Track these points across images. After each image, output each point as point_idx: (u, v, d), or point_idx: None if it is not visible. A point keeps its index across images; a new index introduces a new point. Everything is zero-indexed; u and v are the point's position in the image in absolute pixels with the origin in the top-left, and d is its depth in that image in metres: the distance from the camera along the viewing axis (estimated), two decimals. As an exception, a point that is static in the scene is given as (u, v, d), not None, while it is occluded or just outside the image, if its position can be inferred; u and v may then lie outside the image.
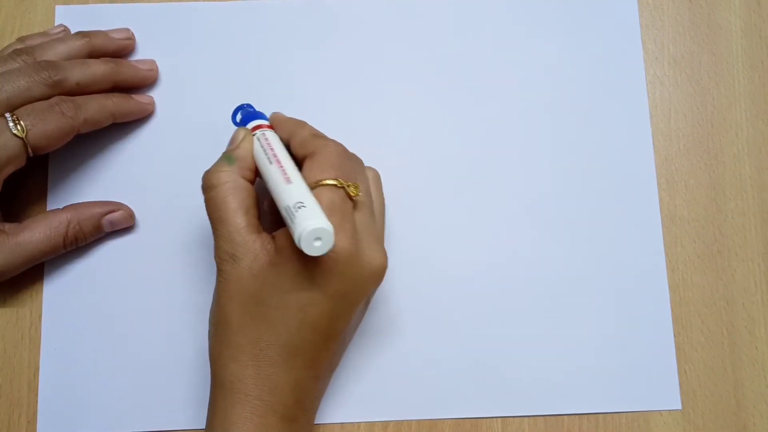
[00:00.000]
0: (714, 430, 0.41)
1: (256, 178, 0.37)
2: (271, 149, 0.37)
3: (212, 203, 0.35)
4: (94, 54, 0.42)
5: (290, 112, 0.43)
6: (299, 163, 0.36)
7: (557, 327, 0.42)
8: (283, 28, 0.45)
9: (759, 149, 0.44)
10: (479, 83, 0.45)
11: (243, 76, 0.44)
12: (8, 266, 0.38)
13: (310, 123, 0.38)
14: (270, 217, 0.38)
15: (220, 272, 0.35)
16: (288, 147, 0.38)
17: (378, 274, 0.35)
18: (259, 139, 0.38)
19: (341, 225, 0.33)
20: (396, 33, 0.45)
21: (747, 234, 0.43)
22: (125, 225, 0.42)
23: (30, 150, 0.38)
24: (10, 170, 0.38)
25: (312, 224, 0.31)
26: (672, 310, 0.42)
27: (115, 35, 0.43)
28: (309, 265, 0.33)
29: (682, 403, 0.41)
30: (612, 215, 0.43)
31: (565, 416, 0.41)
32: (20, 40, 0.42)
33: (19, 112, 0.37)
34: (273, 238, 0.35)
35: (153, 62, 0.44)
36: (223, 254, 0.35)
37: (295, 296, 0.34)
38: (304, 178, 0.35)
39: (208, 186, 0.36)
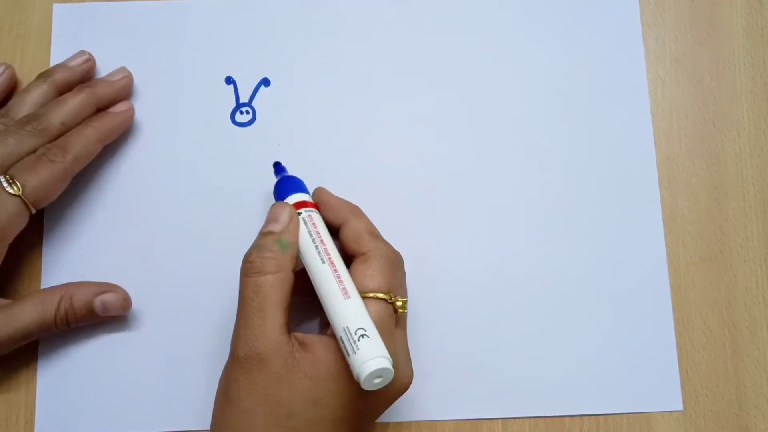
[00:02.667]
0: (716, 431, 0.40)
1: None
2: (321, 242, 0.34)
3: (254, 290, 0.33)
4: (63, 89, 0.41)
5: (289, 111, 0.43)
6: (346, 256, 0.35)
7: (558, 327, 0.41)
8: (283, 27, 0.45)
9: (761, 149, 0.44)
10: (480, 83, 0.44)
11: (243, 76, 0.44)
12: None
13: (309, 123, 0.37)
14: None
15: (243, 369, 0.32)
16: (332, 231, 0.36)
17: (405, 389, 0.35)
18: (305, 222, 0.35)
19: (386, 346, 0.32)
20: (396, 33, 0.45)
21: (749, 234, 0.43)
22: (118, 312, 0.40)
23: (30, 206, 0.37)
24: (14, 233, 0.37)
25: (376, 364, 0.30)
26: (673, 310, 0.42)
27: (74, 63, 0.42)
28: (348, 385, 0.32)
29: (684, 404, 0.41)
30: (613, 215, 0.43)
31: (567, 417, 0.41)
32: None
33: (12, 171, 0.37)
34: (300, 342, 0.33)
35: (124, 69, 0.43)
36: (249, 350, 0.32)
37: (330, 413, 0.32)
38: (354, 280, 0.33)
39: (255, 269, 0.33)
